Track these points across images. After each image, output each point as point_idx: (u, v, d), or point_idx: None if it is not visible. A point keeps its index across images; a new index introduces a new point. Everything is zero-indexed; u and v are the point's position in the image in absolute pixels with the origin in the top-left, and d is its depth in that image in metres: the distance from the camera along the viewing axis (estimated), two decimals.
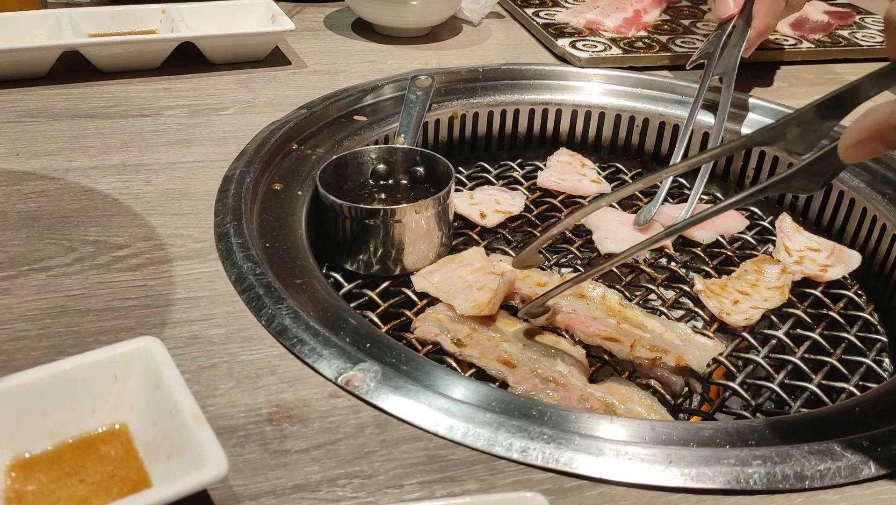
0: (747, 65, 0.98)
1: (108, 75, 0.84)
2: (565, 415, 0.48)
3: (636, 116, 0.89)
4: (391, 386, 0.47)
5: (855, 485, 0.44)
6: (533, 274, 0.68)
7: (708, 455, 0.44)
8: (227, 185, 0.66)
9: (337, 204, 0.64)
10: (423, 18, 1.00)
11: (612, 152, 0.91)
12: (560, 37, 0.99)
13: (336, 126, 0.79)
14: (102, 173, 0.67)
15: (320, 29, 1.03)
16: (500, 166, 0.87)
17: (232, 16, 0.94)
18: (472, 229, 0.75)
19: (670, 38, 1.02)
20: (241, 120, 0.77)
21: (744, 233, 0.77)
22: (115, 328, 0.51)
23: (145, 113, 0.77)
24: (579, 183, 0.81)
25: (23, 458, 0.40)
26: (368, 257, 0.65)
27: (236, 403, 0.46)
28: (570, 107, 0.89)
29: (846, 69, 1.02)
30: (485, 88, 0.89)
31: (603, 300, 0.65)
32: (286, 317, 0.52)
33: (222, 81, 0.85)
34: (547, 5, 1.13)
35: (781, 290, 0.68)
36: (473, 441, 0.44)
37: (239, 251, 0.58)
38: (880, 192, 0.75)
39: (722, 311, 0.65)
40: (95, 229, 0.60)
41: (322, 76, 0.88)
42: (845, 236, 0.78)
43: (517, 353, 0.59)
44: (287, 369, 0.49)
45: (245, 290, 0.55)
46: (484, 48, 1.01)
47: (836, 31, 1.10)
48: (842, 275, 0.70)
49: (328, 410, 0.46)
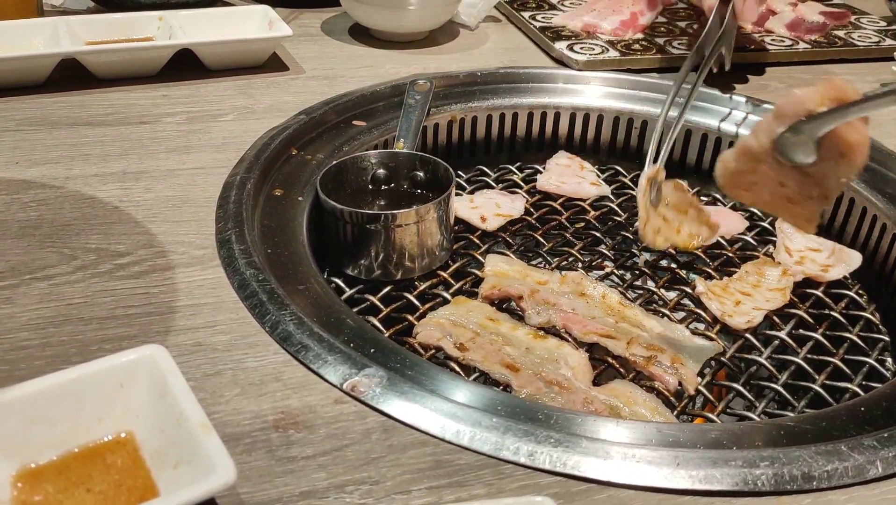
0: (744, 65, 0.99)
1: (105, 83, 0.84)
2: (571, 418, 0.48)
3: (634, 119, 0.89)
4: (397, 391, 0.47)
5: (862, 485, 0.44)
6: (533, 273, 0.68)
7: (715, 457, 0.44)
8: (227, 191, 0.66)
9: (338, 209, 0.64)
10: (420, 23, 1.00)
11: (611, 155, 0.91)
12: (557, 40, 0.99)
13: (335, 131, 0.79)
14: (103, 181, 0.67)
15: (318, 34, 1.03)
16: (499, 170, 0.88)
17: (229, 22, 0.94)
18: (472, 233, 0.75)
19: (667, 41, 1.02)
20: (241, 126, 0.77)
21: (744, 234, 0.78)
22: (118, 336, 0.51)
23: (144, 120, 0.77)
24: (579, 186, 0.81)
25: (29, 468, 0.39)
26: (370, 262, 0.65)
27: (242, 410, 0.46)
28: (568, 110, 0.90)
29: (843, 69, 1.02)
30: (483, 92, 0.89)
31: (603, 299, 0.66)
32: (290, 323, 0.52)
33: (221, 88, 0.85)
34: (543, 9, 1.13)
35: (783, 291, 0.68)
36: (480, 445, 0.44)
37: (241, 257, 0.58)
38: (880, 191, 0.75)
39: (724, 312, 0.65)
40: (97, 237, 0.60)
41: (320, 81, 0.88)
42: (845, 236, 0.78)
43: (520, 356, 0.59)
44: (292, 376, 0.49)
45: (248, 296, 0.54)
46: (481, 52, 1.01)
47: (831, 32, 1.10)
48: (843, 275, 0.71)
49: (334, 416, 0.46)
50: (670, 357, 0.59)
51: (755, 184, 0.50)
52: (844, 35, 1.09)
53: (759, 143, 0.48)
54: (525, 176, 0.86)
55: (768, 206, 0.52)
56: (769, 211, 0.53)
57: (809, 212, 0.50)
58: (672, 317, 0.65)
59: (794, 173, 0.48)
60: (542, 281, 0.67)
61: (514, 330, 0.61)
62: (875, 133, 0.83)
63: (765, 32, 1.08)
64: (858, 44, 1.07)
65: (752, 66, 1.00)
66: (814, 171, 0.47)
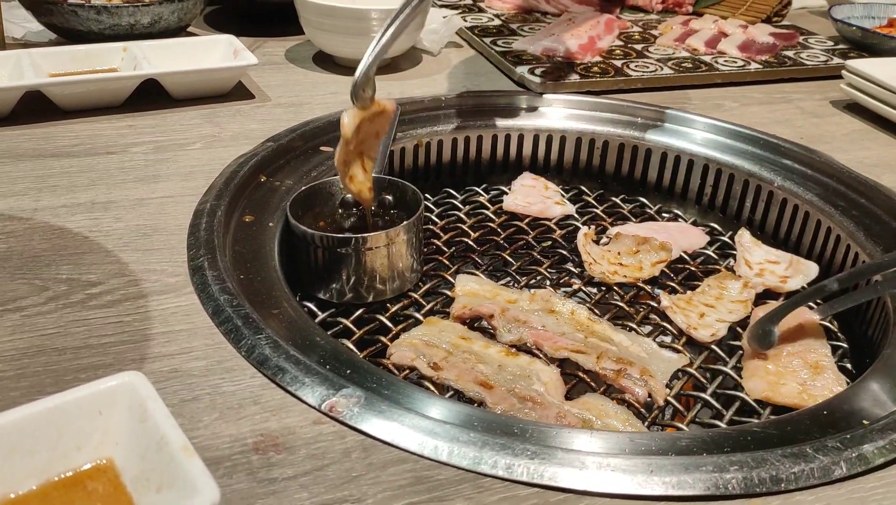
0: (698, 85, 1.02)
1: (70, 114, 0.84)
2: (546, 431, 0.49)
3: (596, 139, 0.91)
4: (374, 410, 0.48)
5: (828, 485, 0.45)
6: (502, 292, 0.69)
7: (687, 463, 0.45)
8: (198, 219, 0.66)
9: (309, 234, 0.65)
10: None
11: (575, 174, 0.93)
12: (519, 64, 1.01)
13: (303, 157, 0.80)
14: (71, 212, 0.67)
15: (282, 62, 1.04)
16: (465, 191, 0.89)
17: (194, 52, 0.94)
18: (441, 254, 0.76)
19: (624, 63, 1.05)
20: (208, 154, 0.78)
21: (705, 248, 0.80)
22: (93, 365, 0.51)
23: (111, 150, 0.77)
24: (544, 205, 0.83)
25: (8, 498, 0.39)
26: (341, 286, 0.66)
27: (221, 434, 0.46)
28: (531, 132, 0.92)
29: (793, 88, 1.06)
30: (448, 116, 0.91)
31: (572, 315, 0.67)
32: (266, 347, 0.52)
33: (187, 117, 0.86)
34: (504, 34, 1.15)
35: (745, 303, 0.70)
36: (459, 460, 0.45)
37: (214, 284, 0.58)
38: (833, 203, 0.78)
39: (689, 325, 0.67)
40: (67, 267, 0.60)
41: (286, 109, 0.89)
42: (802, 248, 0.80)
43: (493, 374, 0.60)
44: (270, 398, 0.49)
45: (223, 322, 0.55)
46: (445, 77, 1.02)
47: (781, 52, 1.14)
48: (801, 285, 0.73)
49: (313, 436, 0.46)
50: (639, 370, 0.60)
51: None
52: (794, 55, 1.13)
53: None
54: (491, 197, 0.88)
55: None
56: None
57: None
58: (639, 331, 0.67)
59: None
60: (511, 299, 0.69)
61: (487, 348, 0.62)
62: (826, 148, 0.86)
63: (717, 54, 1.12)
64: (807, 63, 1.11)
65: (706, 86, 1.03)
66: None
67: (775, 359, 0.62)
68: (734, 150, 0.87)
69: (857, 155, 0.86)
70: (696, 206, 0.89)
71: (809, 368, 0.61)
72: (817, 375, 0.60)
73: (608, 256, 0.76)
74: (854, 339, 0.71)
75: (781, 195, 0.82)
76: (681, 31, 1.18)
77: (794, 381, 0.60)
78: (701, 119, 0.90)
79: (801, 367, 0.61)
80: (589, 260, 0.74)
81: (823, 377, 0.60)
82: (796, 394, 0.59)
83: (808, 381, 0.60)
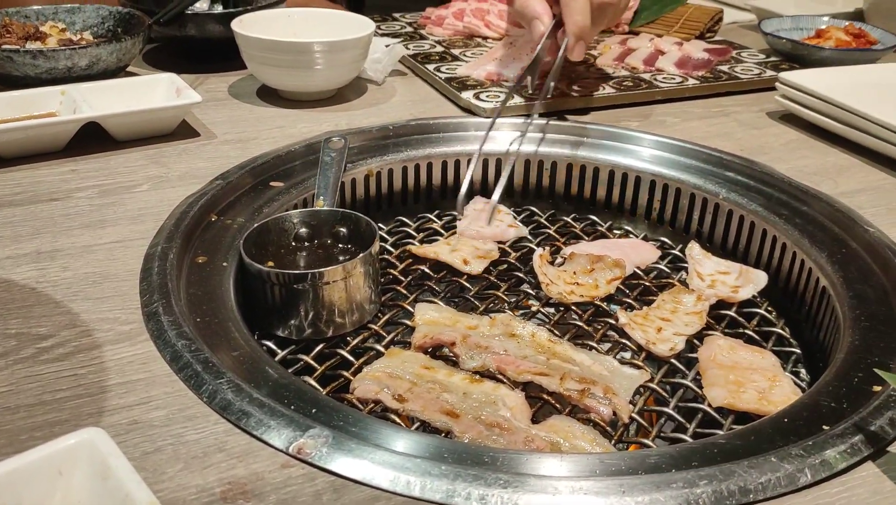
0: (639, 103, 1.04)
1: (9, 162, 0.82)
2: (517, 458, 0.49)
3: (544, 160, 0.92)
4: (343, 449, 0.47)
5: (795, 493, 0.46)
6: (462, 318, 0.69)
7: (658, 480, 0.46)
8: (149, 262, 0.65)
9: (264, 271, 0.64)
10: (327, 81, 1.01)
11: (525, 196, 0.94)
12: (464, 90, 1.02)
13: (253, 194, 0.79)
14: (16, 263, 0.65)
15: (226, 98, 1.03)
16: (418, 219, 0.89)
17: (135, 92, 0.93)
18: (399, 284, 0.76)
19: (568, 84, 1.06)
20: (156, 196, 0.76)
21: (657, 263, 0.81)
22: (48, 423, 0.49)
23: (54, 197, 0.76)
24: (498, 229, 0.84)
25: None
26: (300, 322, 0.65)
27: (187, 485, 0.45)
28: (480, 156, 0.92)
29: (730, 101, 1.09)
30: (396, 145, 0.91)
31: (533, 338, 0.67)
32: (228, 391, 0.51)
33: (132, 158, 0.84)
34: (447, 60, 1.16)
35: (700, 315, 0.71)
36: (432, 494, 0.45)
37: (171, 329, 0.57)
38: (776, 213, 0.80)
39: (648, 340, 0.68)
40: (16, 321, 0.58)
41: (233, 145, 0.88)
42: (749, 257, 0.82)
43: (458, 402, 0.60)
44: (235, 444, 0.48)
45: (182, 368, 0.54)
46: (391, 105, 1.03)
47: (716, 67, 1.17)
48: (751, 294, 0.75)
49: (282, 480, 0.46)
50: (602, 388, 0.61)
51: None
52: (728, 69, 1.17)
53: None
54: (444, 223, 0.88)
55: None
56: None
57: None
58: (599, 349, 0.68)
59: None
60: (472, 326, 0.69)
61: (450, 376, 0.62)
62: (766, 159, 0.89)
63: (656, 71, 1.14)
64: (742, 77, 1.14)
65: (647, 103, 1.05)
66: None
67: (733, 369, 0.63)
68: (679, 164, 0.89)
69: (796, 164, 0.89)
70: (645, 222, 0.91)
71: (765, 378, 0.62)
72: (774, 384, 0.61)
73: (564, 276, 0.77)
74: (806, 345, 0.72)
75: (727, 207, 0.84)
76: (619, 50, 1.20)
77: (753, 388, 0.61)
78: (646, 136, 0.92)
79: (758, 378, 0.62)
80: (546, 281, 0.75)
81: (779, 385, 0.61)
82: (757, 400, 0.60)
83: (766, 389, 0.61)
